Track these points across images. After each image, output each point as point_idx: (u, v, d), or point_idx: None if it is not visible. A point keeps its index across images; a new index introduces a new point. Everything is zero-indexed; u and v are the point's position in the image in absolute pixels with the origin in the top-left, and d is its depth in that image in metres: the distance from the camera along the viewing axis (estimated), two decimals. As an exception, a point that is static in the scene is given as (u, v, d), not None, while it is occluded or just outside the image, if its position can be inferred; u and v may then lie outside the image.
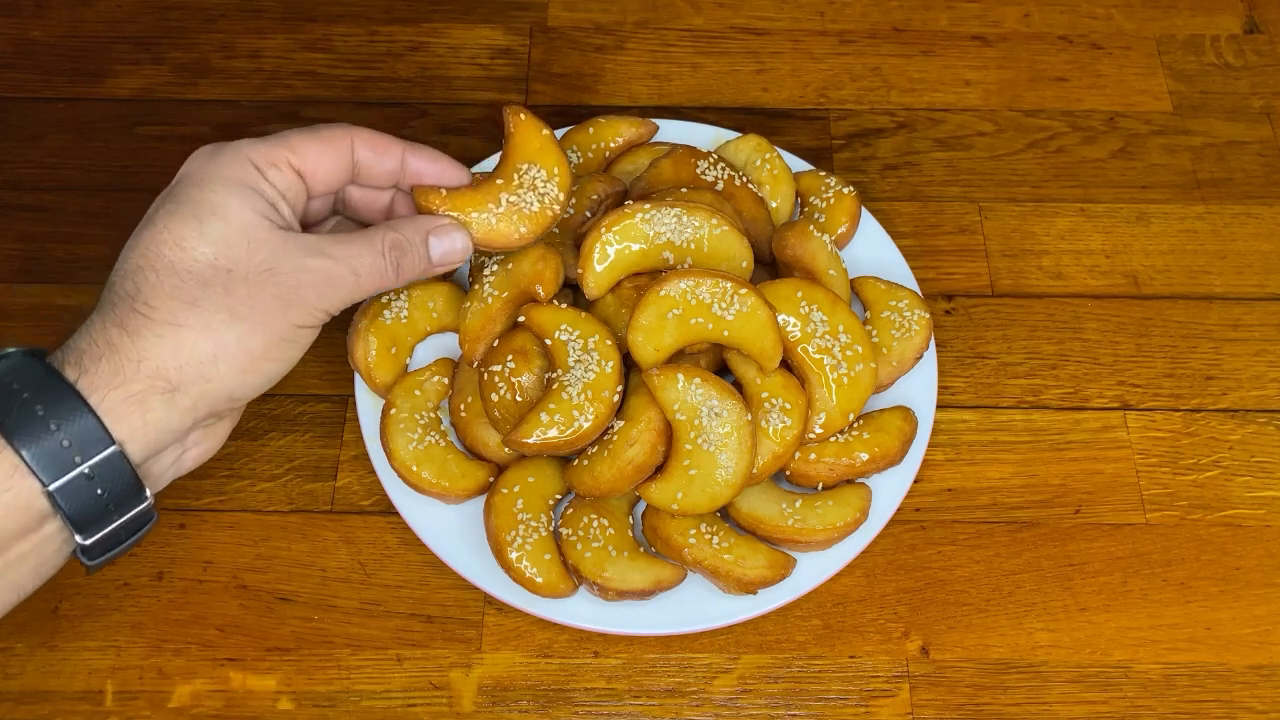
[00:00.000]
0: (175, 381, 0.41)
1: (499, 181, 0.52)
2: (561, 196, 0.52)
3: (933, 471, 0.61)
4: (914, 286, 0.64)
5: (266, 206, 0.44)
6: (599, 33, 0.78)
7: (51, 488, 0.39)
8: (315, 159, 0.46)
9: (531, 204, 0.52)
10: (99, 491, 0.40)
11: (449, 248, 0.49)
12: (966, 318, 0.66)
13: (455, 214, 0.50)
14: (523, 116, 0.53)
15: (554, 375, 0.55)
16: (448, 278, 0.65)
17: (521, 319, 0.56)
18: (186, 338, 0.41)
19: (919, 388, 0.61)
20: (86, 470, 0.40)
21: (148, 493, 0.42)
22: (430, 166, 0.50)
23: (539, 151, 0.53)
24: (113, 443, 0.40)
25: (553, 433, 0.53)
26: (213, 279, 0.42)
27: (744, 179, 0.63)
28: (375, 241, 0.46)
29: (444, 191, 0.50)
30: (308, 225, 0.50)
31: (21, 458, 0.39)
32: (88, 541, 0.41)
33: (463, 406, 0.58)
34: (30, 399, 0.39)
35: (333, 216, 0.52)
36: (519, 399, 0.55)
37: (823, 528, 0.55)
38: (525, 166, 0.52)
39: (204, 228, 0.42)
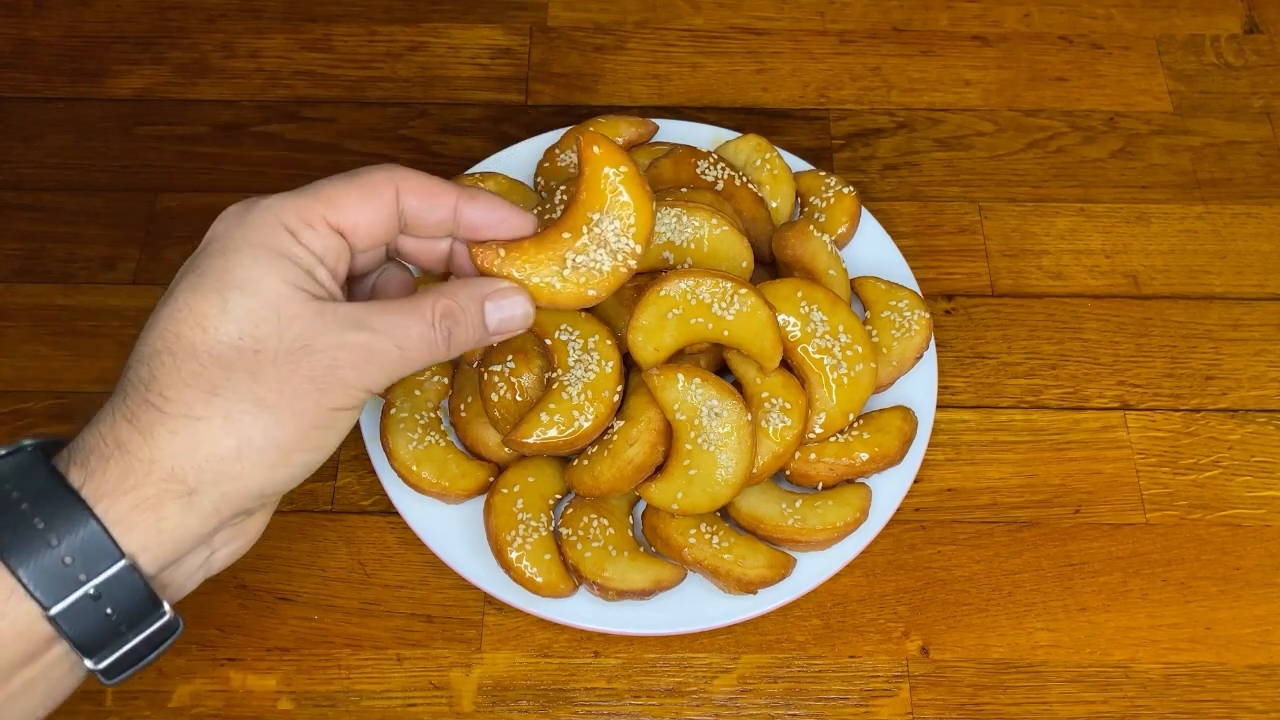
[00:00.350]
0: (193, 483, 0.36)
1: (566, 235, 0.44)
2: (639, 249, 0.44)
3: (933, 471, 0.61)
4: (914, 286, 0.64)
5: (301, 274, 0.38)
6: (599, 33, 0.78)
7: (53, 611, 0.35)
8: (355, 213, 0.40)
9: (602, 263, 0.44)
10: (107, 611, 0.36)
11: (508, 315, 0.43)
12: (966, 318, 0.66)
13: (515, 274, 0.43)
14: (597, 149, 0.44)
15: (554, 375, 0.55)
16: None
17: (521, 319, 0.56)
18: (205, 433, 0.36)
19: (919, 388, 0.61)
20: (92, 590, 0.35)
21: (166, 607, 0.37)
22: (487, 215, 0.43)
23: (615, 195, 0.44)
24: (121, 557, 0.35)
25: (553, 433, 0.53)
26: (237, 362, 0.37)
27: (744, 179, 0.63)
28: (424, 310, 0.40)
29: (502, 251, 0.43)
30: (356, 278, 0.45)
31: (18, 578, 0.34)
32: (101, 665, 0.37)
33: (463, 406, 0.58)
34: (29, 510, 0.35)
35: (384, 264, 0.46)
36: (519, 399, 0.55)
37: (823, 528, 0.55)
38: (597, 216, 0.44)
39: (228, 304, 0.37)
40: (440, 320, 0.41)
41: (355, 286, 0.45)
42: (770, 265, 0.62)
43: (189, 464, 0.36)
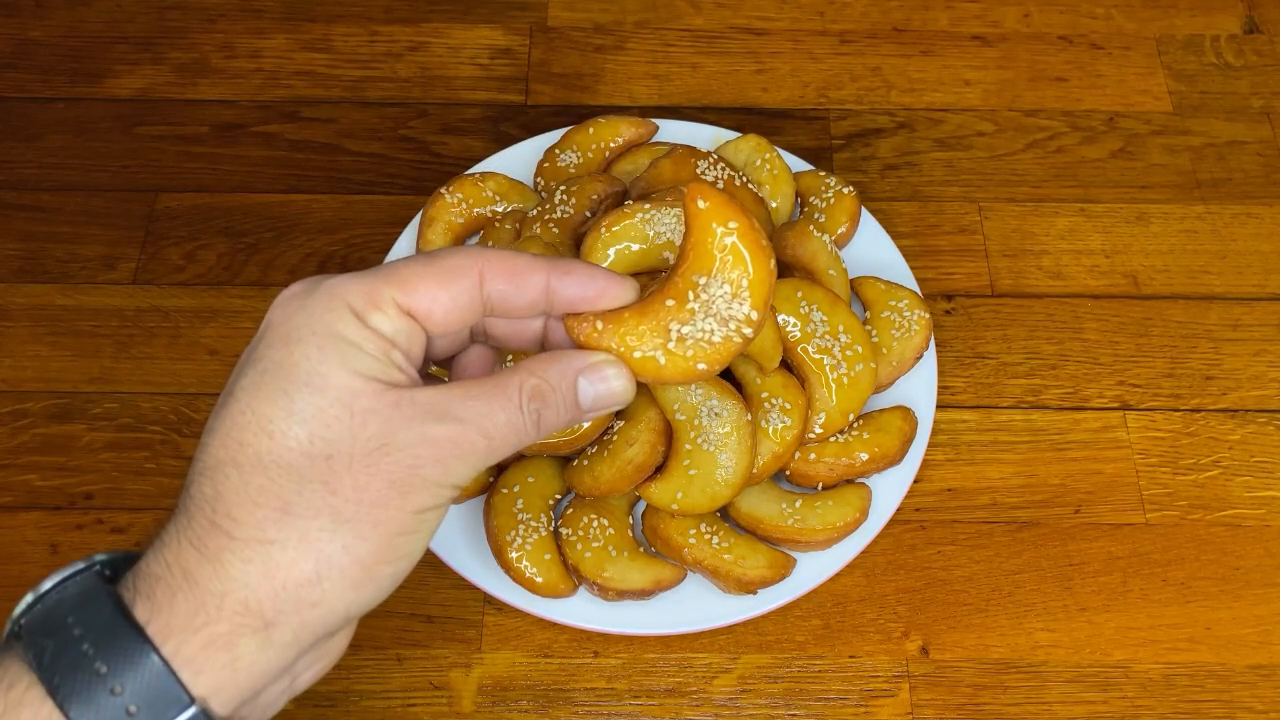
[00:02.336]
0: (270, 615, 0.33)
1: (670, 303, 0.38)
2: (755, 316, 0.38)
3: (933, 471, 0.61)
4: (914, 286, 0.64)
5: (372, 362, 0.34)
6: (599, 33, 0.78)
7: None
8: (430, 296, 0.36)
9: (712, 333, 0.38)
10: None
11: (603, 391, 0.39)
12: (966, 318, 0.66)
13: (614, 347, 0.39)
14: (703, 203, 0.38)
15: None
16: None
17: (521, 319, 0.56)
18: (280, 558, 0.32)
19: (919, 388, 0.61)
20: None
21: None
22: (585, 289, 0.38)
23: (726, 256, 0.38)
24: (191, 703, 0.31)
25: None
26: (309, 471, 0.33)
27: (744, 179, 0.63)
28: (511, 392, 0.36)
29: (600, 323, 0.38)
30: (439, 362, 0.41)
31: None
32: None
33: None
34: (91, 651, 0.31)
35: (473, 346, 0.41)
36: (519, 399, 0.55)
37: (823, 528, 0.55)
38: (704, 280, 0.38)
39: (294, 404, 0.33)
40: (529, 402, 0.36)
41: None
42: (770, 265, 0.62)
43: (264, 594, 0.32)
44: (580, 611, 0.55)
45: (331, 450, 0.33)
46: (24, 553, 0.59)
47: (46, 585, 0.33)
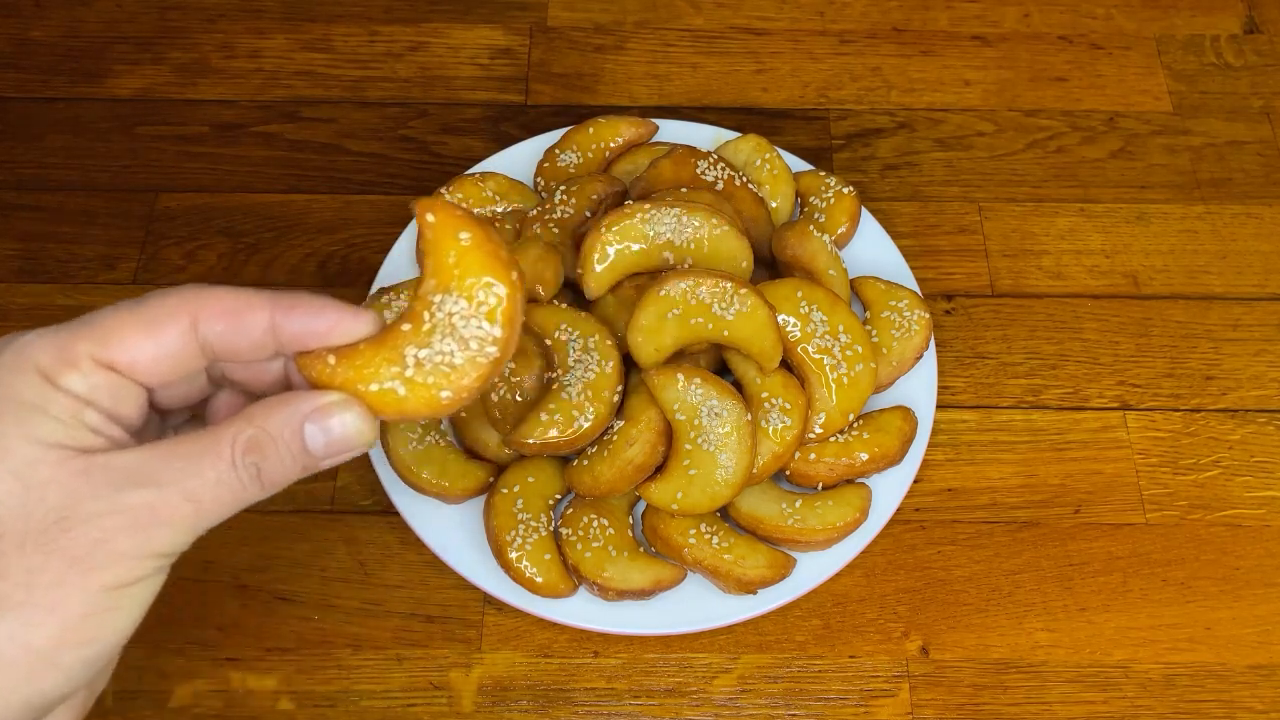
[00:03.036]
0: None
1: (406, 327, 0.34)
2: (498, 333, 0.34)
3: (933, 471, 0.61)
4: (914, 286, 0.64)
5: (57, 427, 0.31)
6: (599, 33, 0.78)
7: None
8: (133, 349, 0.32)
9: (453, 356, 0.34)
10: None
11: (338, 436, 0.34)
12: (966, 318, 0.66)
13: (348, 384, 0.34)
14: (432, 217, 0.34)
15: (554, 375, 0.55)
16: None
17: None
18: None
19: (919, 388, 0.61)
20: None
21: None
22: (312, 323, 0.34)
23: (459, 268, 0.34)
24: None
25: (553, 433, 0.53)
26: None
27: (744, 179, 0.63)
28: (222, 448, 0.32)
29: (332, 359, 0.34)
30: (176, 411, 0.37)
31: None
32: None
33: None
34: None
35: (222, 392, 0.37)
36: (519, 399, 0.55)
37: (823, 528, 0.55)
38: (440, 299, 0.34)
39: None
40: (243, 457, 0.32)
41: (179, 420, 0.38)
42: (770, 265, 0.62)
43: None
44: (580, 611, 0.55)
45: (1, 529, 0.30)
46: (24, 553, 0.58)
47: None
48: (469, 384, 0.34)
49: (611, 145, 0.67)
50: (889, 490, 0.57)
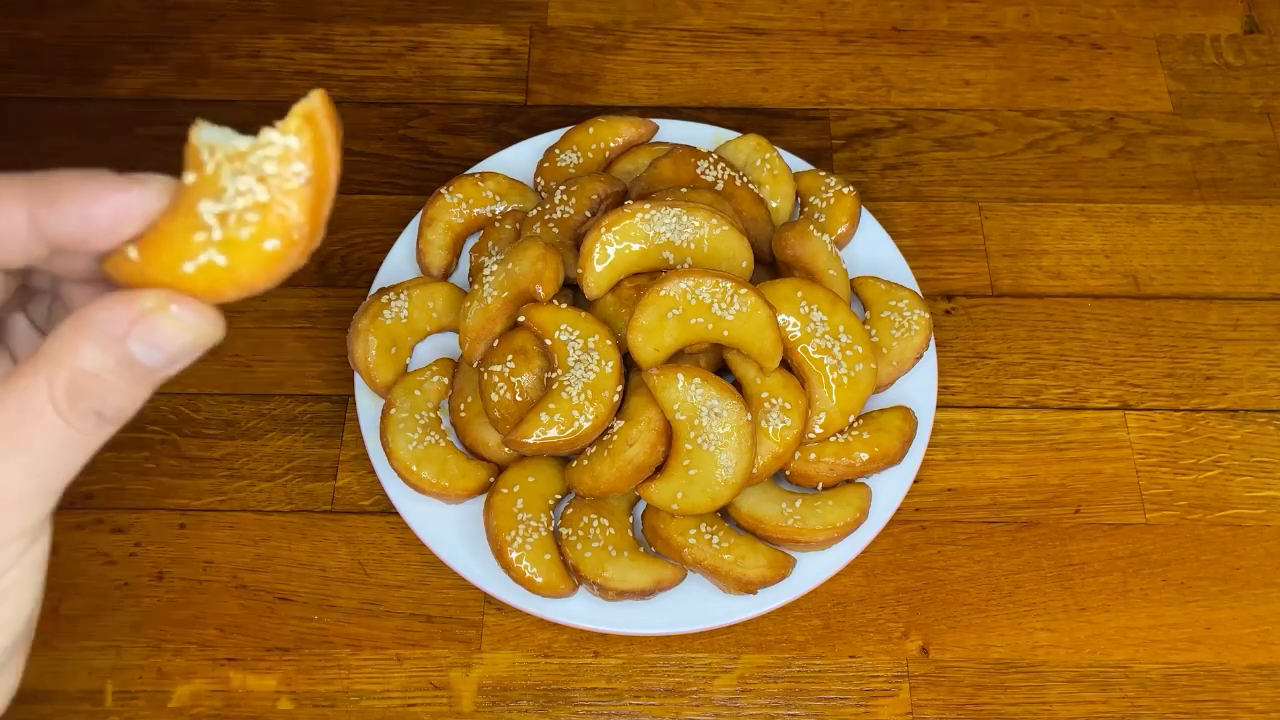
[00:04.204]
0: None
1: (190, 178, 0.27)
2: (295, 143, 0.27)
3: (933, 471, 0.61)
4: (914, 286, 0.64)
5: None
6: (599, 33, 0.78)
7: None
8: None
9: (253, 193, 0.26)
10: None
11: (173, 342, 0.26)
12: (966, 318, 0.66)
13: (162, 276, 0.26)
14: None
15: (554, 375, 0.55)
16: (446, 276, 0.65)
17: (521, 319, 0.56)
18: None
19: (919, 388, 0.61)
20: None
21: None
22: (87, 219, 0.26)
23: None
24: None
25: (553, 433, 0.53)
26: None
27: (744, 179, 0.63)
28: (38, 402, 0.25)
29: (133, 253, 0.26)
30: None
31: None
32: None
33: (462, 406, 0.58)
34: None
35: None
36: (519, 399, 0.55)
37: (823, 528, 0.55)
38: (215, 135, 0.27)
39: None
40: (72, 407, 0.25)
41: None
42: (770, 265, 0.62)
43: None
44: (580, 611, 0.55)
45: None
46: (24, 553, 0.58)
47: None
48: (294, 218, 0.27)
49: (611, 145, 0.67)
50: (889, 490, 0.57)
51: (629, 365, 0.56)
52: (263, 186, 0.26)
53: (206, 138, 0.26)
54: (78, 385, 0.25)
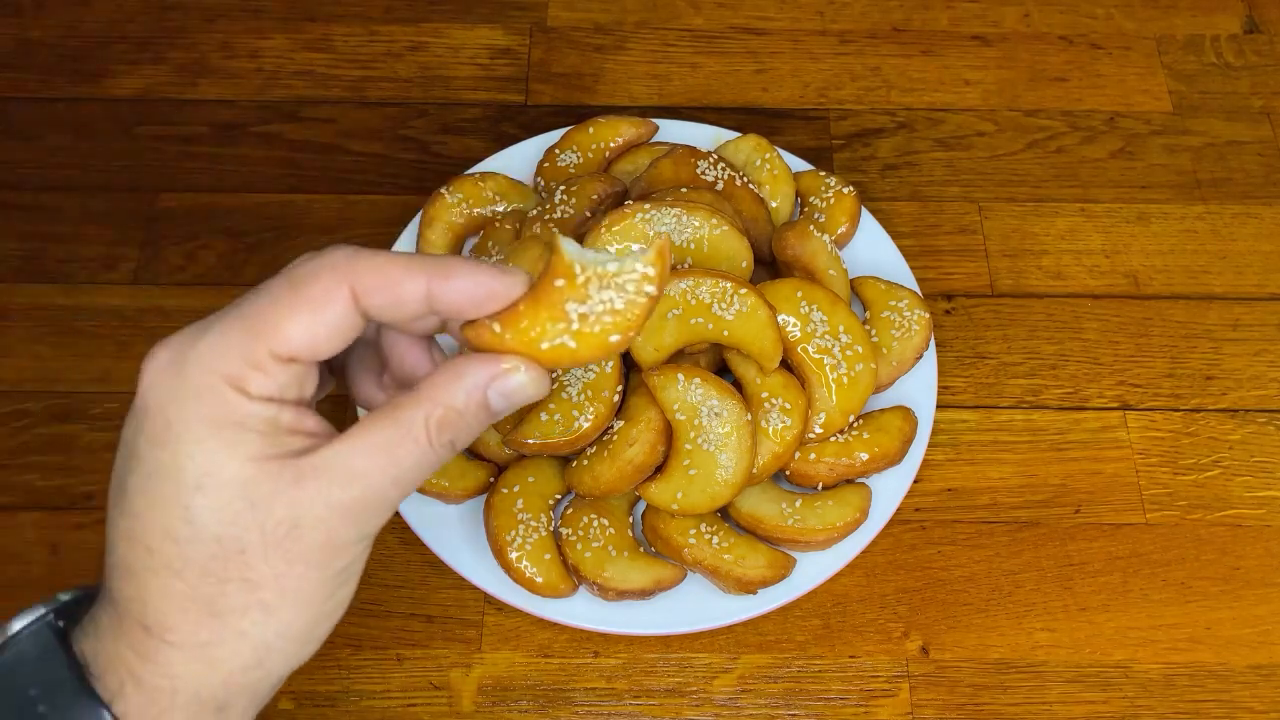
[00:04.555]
0: (222, 700, 0.33)
1: (559, 283, 0.35)
2: (653, 271, 0.35)
3: (933, 471, 0.61)
4: (914, 286, 0.64)
5: (260, 440, 0.32)
6: (599, 33, 0.78)
7: None
8: (307, 336, 0.32)
9: (613, 302, 0.35)
10: None
11: (516, 395, 0.35)
12: (966, 318, 0.66)
13: (519, 347, 0.35)
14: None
15: (554, 375, 0.55)
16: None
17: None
18: (219, 654, 0.33)
19: (919, 388, 0.61)
20: None
21: None
22: (469, 296, 0.34)
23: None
24: None
25: (552, 432, 0.53)
26: (226, 570, 0.32)
27: (744, 179, 0.63)
28: (417, 432, 0.33)
29: (496, 326, 0.35)
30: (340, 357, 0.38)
31: None
32: None
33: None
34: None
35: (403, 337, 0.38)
36: (519, 399, 0.55)
37: (823, 528, 0.55)
38: (588, 253, 0.36)
39: (192, 512, 0.31)
40: (438, 435, 0.34)
41: (355, 362, 0.39)
42: (770, 265, 0.62)
43: (214, 684, 0.33)
44: (580, 611, 0.55)
45: (242, 545, 0.32)
46: (24, 553, 0.59)
47: (14, 627, 0.33)
48: (634, 321, 0.35)
49: (611, 145, 0.67)
50: (889, 490, 0.57)
51: (629, 365, 0.56)
52: (620, 298, 0.35)
53: (573, 253, 0.34)
54: (446, 420, 0.33)
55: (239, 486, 0.32)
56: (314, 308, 0.33)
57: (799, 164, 0.68)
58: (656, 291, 0.35)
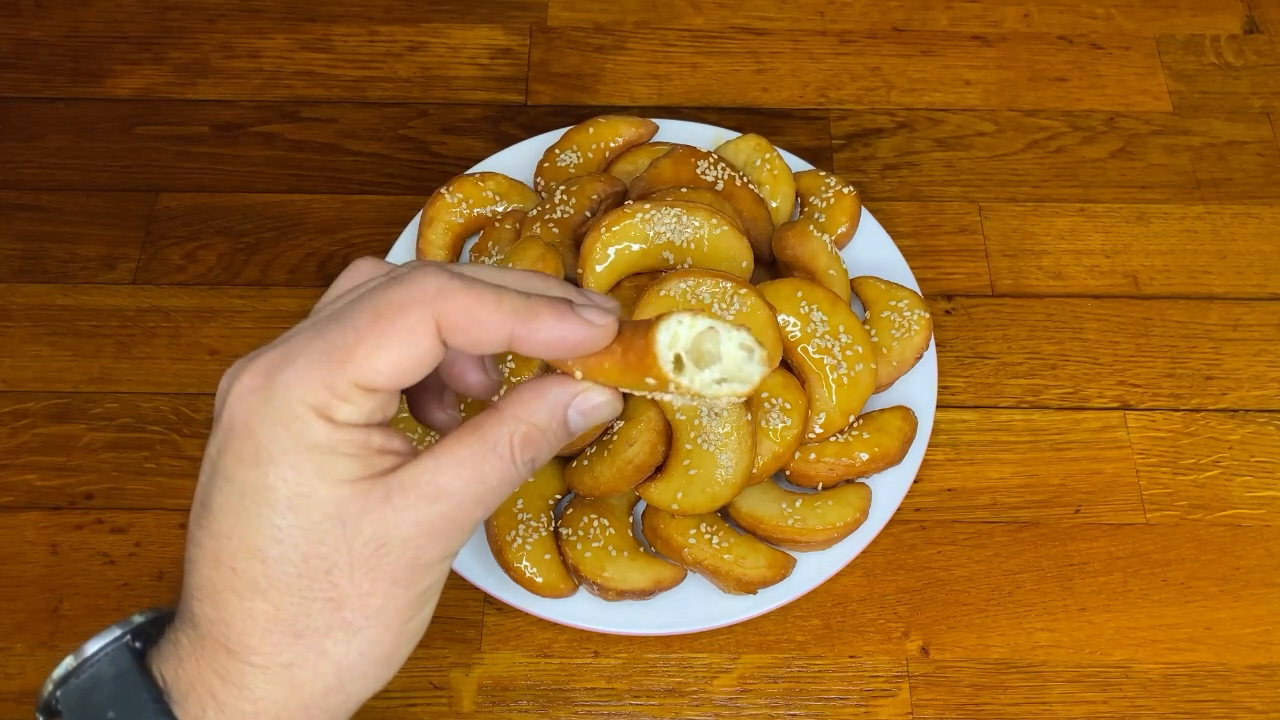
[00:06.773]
0: None
1: (650, 380, 0.34)
2: (767, 353, 0.34)
3: (933, 471, 0.61)
4: (914, 286, 0.64)
5: (351, 464, 0.32)
6: (599, 33, 0.78)
7: None
8: (393, 367, 0.32)
9: (717, 395, 0.34)
10: None
11: (594, 415, 0.36)
12: (966, 318, 0.66)
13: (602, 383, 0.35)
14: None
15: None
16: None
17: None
18: (302, 675, 0.33)
19: (919, 388, 0.61)
20: None
21: None
22: (553, 337, 0.34)
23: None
24: None
25: (553, 433, 0.53)
26: (311, 590, 0.32)
27: (744, 179, 0.63)
28: (501, 450, 0.34)
29: (578, 373, 0.35)
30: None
31: None
32: None
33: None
34: None
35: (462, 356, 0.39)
36: (519, 399, 0.55)
37: (823, 528, 0.55)
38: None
39: (281, 531, 0.32)
40: (521, 453, 0.34)
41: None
42: (770, 265, 0.62)
43: (294, 707, 0.33)
44: (580, 611, 0.55)
45: (329, 564, 0.32)
46: (24, 553, 0.59)
47: (89, 649, 0.34)
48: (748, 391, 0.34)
49: (611, 145, 0.67)
50: (889, 490, 0.57)
51: (629, 365, 0.56)
52: (726, 389, 0.34)
53: (668, 367, 0.33)
54: (529, 438, 0.34)
55: (332, 505, 0.32)
56: (400, 342, 0.32)
57: (799, 164, 0.68)
58: (769, 368, 0.34)
